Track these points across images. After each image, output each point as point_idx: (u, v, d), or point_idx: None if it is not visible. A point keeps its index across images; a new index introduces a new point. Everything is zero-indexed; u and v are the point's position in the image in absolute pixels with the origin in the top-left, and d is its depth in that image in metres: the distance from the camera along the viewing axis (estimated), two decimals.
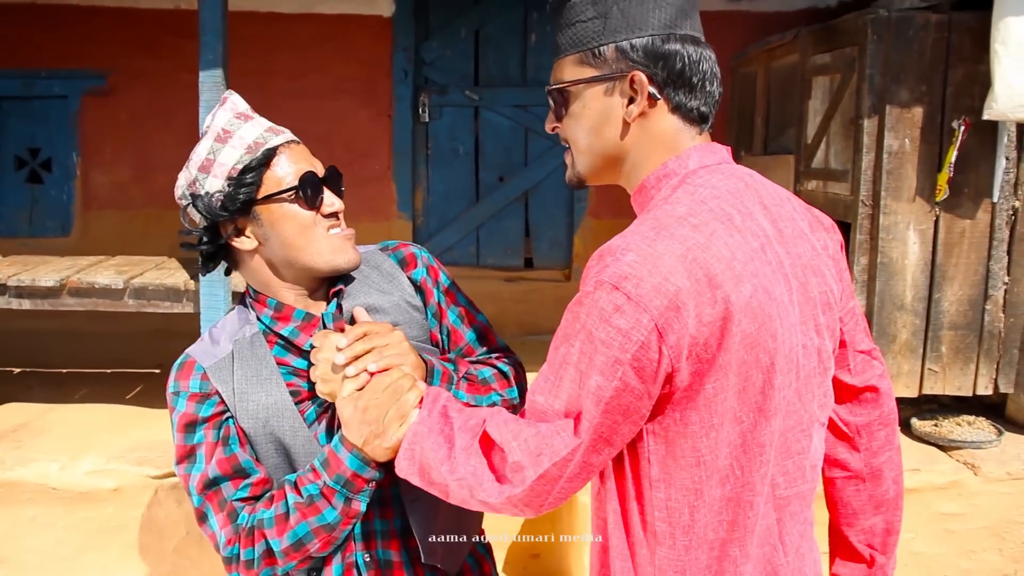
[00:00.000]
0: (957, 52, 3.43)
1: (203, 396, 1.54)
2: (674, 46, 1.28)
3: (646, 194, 1.33)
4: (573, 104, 1.34)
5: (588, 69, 1.31)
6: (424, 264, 1.72)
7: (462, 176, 5.61)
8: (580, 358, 1.20)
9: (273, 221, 1.53)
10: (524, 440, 1.24)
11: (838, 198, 3.74)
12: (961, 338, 3.61)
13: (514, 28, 5.52)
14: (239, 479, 1.52)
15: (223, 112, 1.56)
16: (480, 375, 1.64)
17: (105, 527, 3.31)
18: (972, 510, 3.32)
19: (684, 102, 1.31)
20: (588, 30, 1.30)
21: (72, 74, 5.36)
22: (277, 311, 1.59)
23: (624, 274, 1.16)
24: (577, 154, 1.38)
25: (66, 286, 3.44)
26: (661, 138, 1.32)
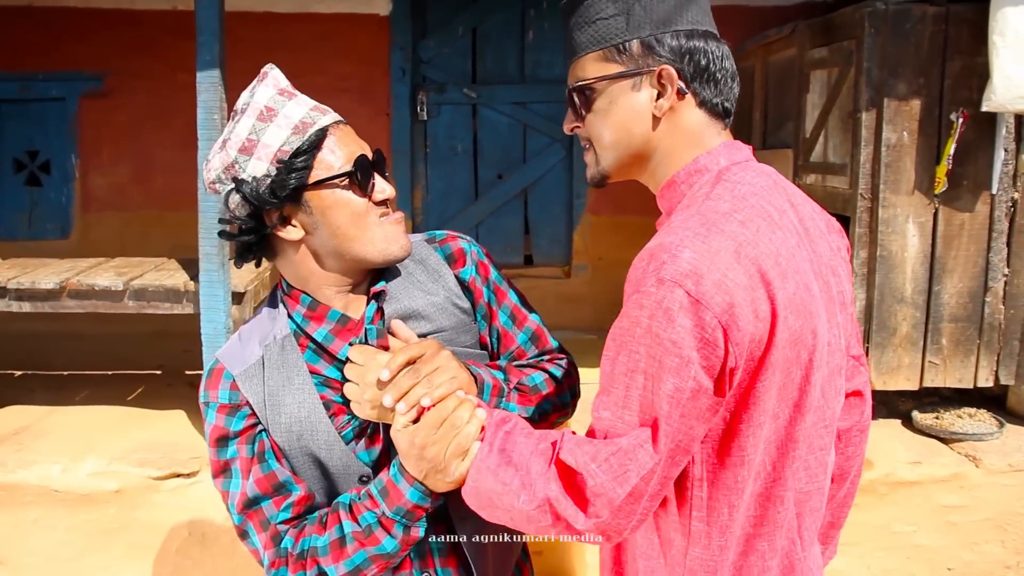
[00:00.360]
0: (955, 44, 3.43)
1: (233, 408, 1.46)
2: (699, 42, 1.29)
3: (676, 189, 1.32)
4: (598, 101, 1.32)
5: (613, 65, 1.30)
6: (474, 261, 1.60)
7: (461, 174, 5.61)
8: (648, 363, 1.16)
9: (324, 209, 1.41)
10: (605, 461, 1.18)
11: (837, 192, 3.74)
12: (961, 330, 3.60)
13: (512, 25, 5.51)
14: (280, 498, 1.44)
15: (264, 88, 1.42)
16: (532, 382, 1.56)
17: (107, 528, 3.31)
18: (974, 502, 3.33)
19: (710, 97, 1.31)
20: (611, 27, 1.29)
21: (69, 76, 5.36)
22: (311, 309, 1.48)
23: (685, 271, 1.13)
24: (602, 151, 1.35)
25: (66, 288, 3.44)
26: (689, 133, 1.31)
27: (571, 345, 1.92)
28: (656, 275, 1.15)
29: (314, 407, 1.45)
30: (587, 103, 1.33)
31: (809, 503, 1.34)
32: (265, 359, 1.48)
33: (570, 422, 1.86)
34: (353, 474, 1.47)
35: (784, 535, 1.30)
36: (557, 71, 5.50)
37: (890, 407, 3.92)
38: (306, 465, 1.46)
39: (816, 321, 1.22)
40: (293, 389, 1.46)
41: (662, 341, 1.14)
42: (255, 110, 1.40)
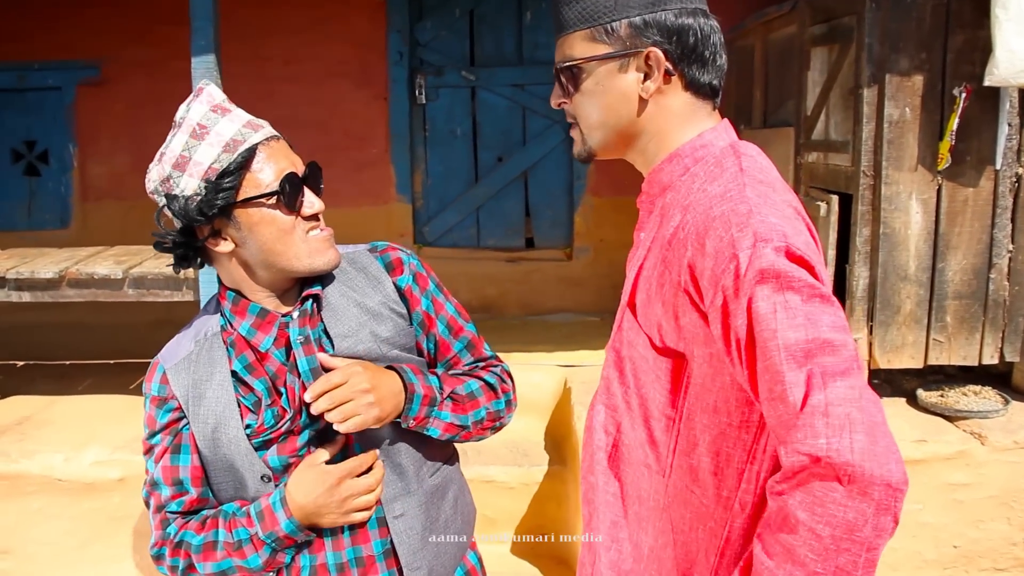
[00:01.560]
0: (957, 18, 3.39)
1: (161, 400, 1.56)
2: (686, 20, 1.28)
3: (679, 163, 1.32)
4: (585, 81, 1.32)
5: (600, 46, 1.29)
6: (411, 271, 1.67)
7: (461, 157, 5.59)
8: (820, 319, 1.09)
9: (252, 225, 1.47)
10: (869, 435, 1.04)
11: (839, 169, 3.71)
12: (966, 307, 3.58)
13: (509, 7, 5.47)
14: (177, 494, 1.56)
15: (198, 104, 1.47)
16: (466, 389, 1.63)
17: (112, 517, 3.32)
18: (980, 479, 3.31)
19: (697, 77, 1.30)
20: (598, 5, 1.28)
21: (65, 65, 5.34)
22: (234, 304, 1.56)
23: (781, 231, 1.13)
24: (588, 130, 1.35)
25: (65, 277, 3.44)
26: (677, 113, 1.32)
27: (573, 328, 1.94)
28: (755, 235, 1.13)
29: (228, 403, 1.53)
30: (574, 82, 1.33)
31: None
32: (195, 354, 1.57)
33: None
34: (256, 472, 1.54)
35: None
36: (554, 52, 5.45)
37: (894, 385, 3.90)
38: (218, 456, 1.54)
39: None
40: (213, 384, 1.54)
41: (812, 295, 1.10)
42: (188, 127, 1.46)
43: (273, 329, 1.54)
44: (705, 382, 1.25)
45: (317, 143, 5.06)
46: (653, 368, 1.31)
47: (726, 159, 1.28)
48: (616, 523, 1.42)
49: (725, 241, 1.15)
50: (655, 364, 1.30)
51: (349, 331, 1.57)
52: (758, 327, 1.10)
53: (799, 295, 1.10)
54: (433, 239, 5.61)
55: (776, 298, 1.09)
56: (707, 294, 1.17)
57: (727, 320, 1.14)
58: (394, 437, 1.58)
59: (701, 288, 1.18)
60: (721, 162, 1.28)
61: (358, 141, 5.39)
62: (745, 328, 1.12)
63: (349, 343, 1.56)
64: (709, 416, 1.26)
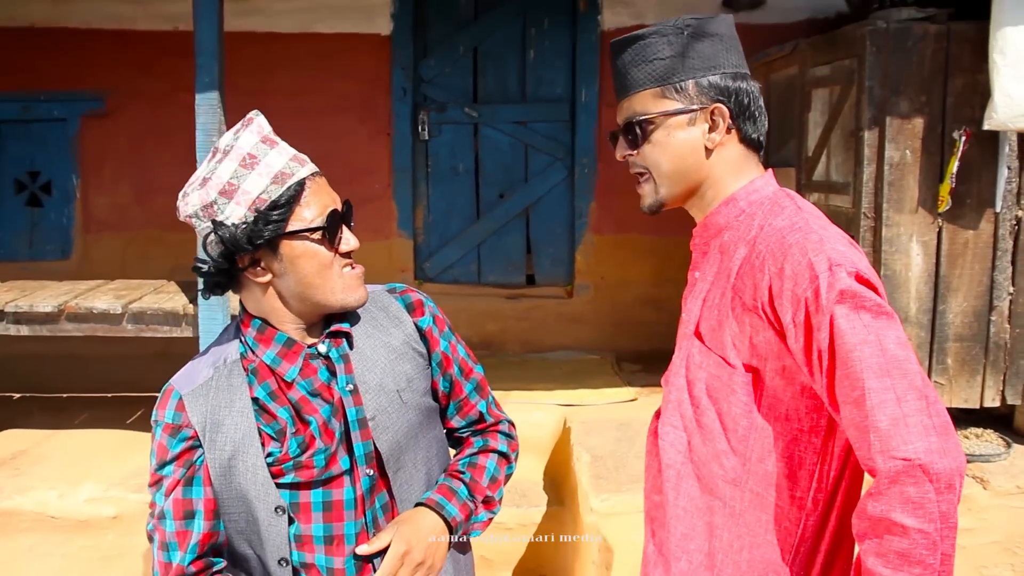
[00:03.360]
0: (956, 62, 3.41)
1: (175, 428, 1.53)
2: (741, 83, 1.48)
3: (735, 206, 1.49)
4: (656, 133, 1.48)
5: (671, 102, 1.47)
6: (431, 313, 1.73)
7: (462, 193, 5.59)
8: (887, 335, 1.27)
9: (294, 257, 1.49)
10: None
11: (840, 210, 3.71)
12: (967, 350, 3.57)
13: (512, 44, 5.51)
14: (185, 532, 1.52)
15: (248, 134, 1.49)
16: (488, 476, 1.71)
17: (105, 555, 3.28)
18: (982, 525, 3.28)
19: (749, 132, 1.49)
20: (668, 67, 1.46)
21: (70, 96, 5.36)
22: (260, 332, 1.56)
23: (851, 259, 1.32)
24: (660, 180, 1.51)
25: (64, 311, 3.43)
26: (734, 163, 1.50)
27: (573, 365, 2.01)
28: (829, 260, 1.31)
29: (248, 430, 1.52)
30: (645, 135, 1.49)
31: None
32: (214, 381, 1.56)
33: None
34: (270, 504, 1.52)
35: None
36: (558, 90, 5.49)
37: None
38: (232, 487, 1.53)
39: None
40: (233, 412, 1.53)
41: (892, 320, 1.29)
42: (238, 155, 1.47)
43: (299, 359, 1.55)
44: (777, 393, 1.41)
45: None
46: (728, 384, 1.45)
47: (781, 200, 1.47)
48: (687, 535, 1.51)
49: (803, 264, 1.32)
50: (730, 380, 1.44)
51: (378, 383, 1.60)
52: (839, 340, 1.28)
53: (870, 313, 1.28)
54: (434, 275, 5.60)
55: (853, 316, 1.27)
56: (786, 311, 1.34)
57: (809, 333, 1.31)
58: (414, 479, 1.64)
59: (777, 307, 1.35)
60: (777, 202, 1.46)
61: (361, 176, 5.40)
62: (827, 341, 1.29)
63: (375, 401, 1.59)
64: (782, 424, 1.41)
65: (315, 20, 5.30)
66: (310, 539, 1.53)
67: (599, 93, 5.37)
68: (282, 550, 1.52)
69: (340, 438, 1.54)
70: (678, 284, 5.96)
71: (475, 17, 5.50)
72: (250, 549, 1.55)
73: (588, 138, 5.40)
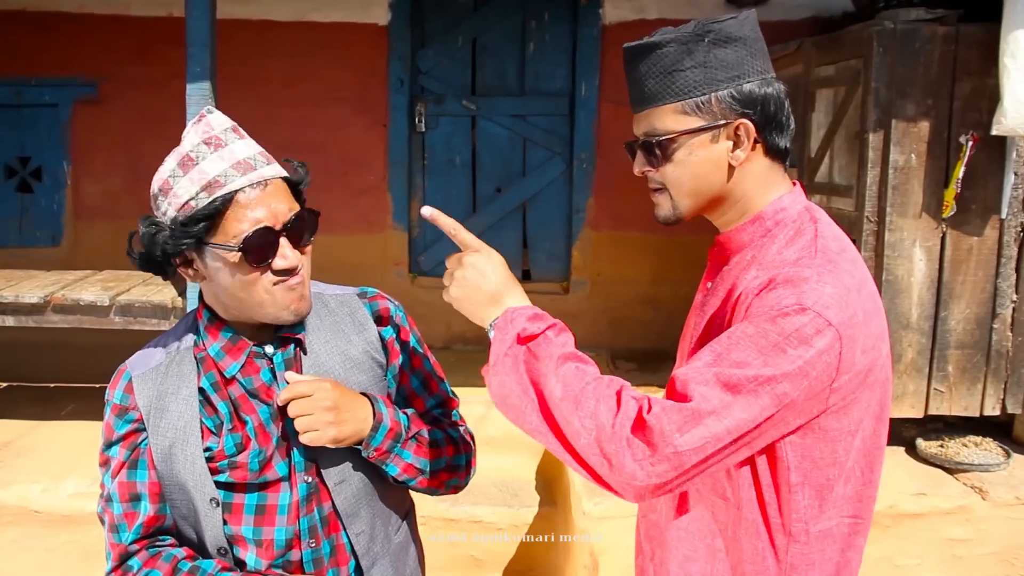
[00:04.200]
0: (964, 65, 3.35)
1: (122, 410, 1.52)
2: (767, 90, 1.37)
3: (761, 224, 1.41)
4: (678, 152, 1.38)
5: (692, 119, 1.36)
6: (396, 324, 1.68)
7: (459, 186, 5.53)
8: (766, 366, 1.23)
9: (216, 269, 1.43)
10: (678, 412, 1.23)
11: (842, 214, 3.65)
12: (968, 357, 3.52)
13: (512, 37, 5.43)
14: (132, 513, 1.50)
15: (193, 133, 1.43)
16: (432, 436, 1.62)
17: (89, 551, 3.22)
18: (980, 535, 3.24)
19: (777, 143, 1.40)
20: (688, 79, 1.35)
21: (63, 82, 5.28)
22: (209, 323, 1.54)
23: (826, 304, 1.24)
24: (679, 196, 1.42)
25: (50, 303, 3.37)
26: (761, 177, 1.40)
27: None
28: (799, 301, 1.25)
29: (191, 420, 1.50)
30: (666, 153, 1.39)
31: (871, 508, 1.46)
32: (164, 366, 1.54)
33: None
34: (206, 495, 1.49)
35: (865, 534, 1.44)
36: (558, 83, 5.42)
37: (893, 433, 3.81)
38: (172, 474, 1.50)
39: (888, 347, 1.38)
40: (179, 399, 1.51)
41: (788, 355, 1.23)
42: (179, 154, 1.42)
43: (242, 356, 1.52)
44: None
45: (314, 168, 4.89)
46: None
47: (804, 224, 1.38)
48: (689, 557, 1.47)
49: (775, 298, 1.27)
50: None
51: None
52: (739, 329, 1.28)
53: (768, 345, 1.24)
54: (428, 268, 5.54)
55: (769, 328, 1.24)
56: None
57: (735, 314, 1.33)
58: (361, 492, 1.58)
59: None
60: (800, 227, 1.37)
61: (356, 167, 5.33)
62: (738, 320, 1.31)
63: None
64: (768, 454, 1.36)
65: (311, 8, 5.22)
66: (242, 539, 1.51)
67: (599, 88, 5.30)
68: (219, 540, 1.50)
69: (277, 443, 1.51)
70: (675, 283, 5.93)
71: (474, 8, 5.42)
72: (194, 534, 1.53)
73: (587, 133, 5.33)
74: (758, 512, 1.38)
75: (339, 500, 1.54)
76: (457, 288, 1.42)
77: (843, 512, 1.38)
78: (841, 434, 1.32)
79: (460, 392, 1.82)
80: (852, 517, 1.39)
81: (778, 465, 1.34)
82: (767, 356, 1.23)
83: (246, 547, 1.51)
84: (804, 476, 1.34)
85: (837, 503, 1.36)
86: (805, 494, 1.35)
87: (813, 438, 1.32)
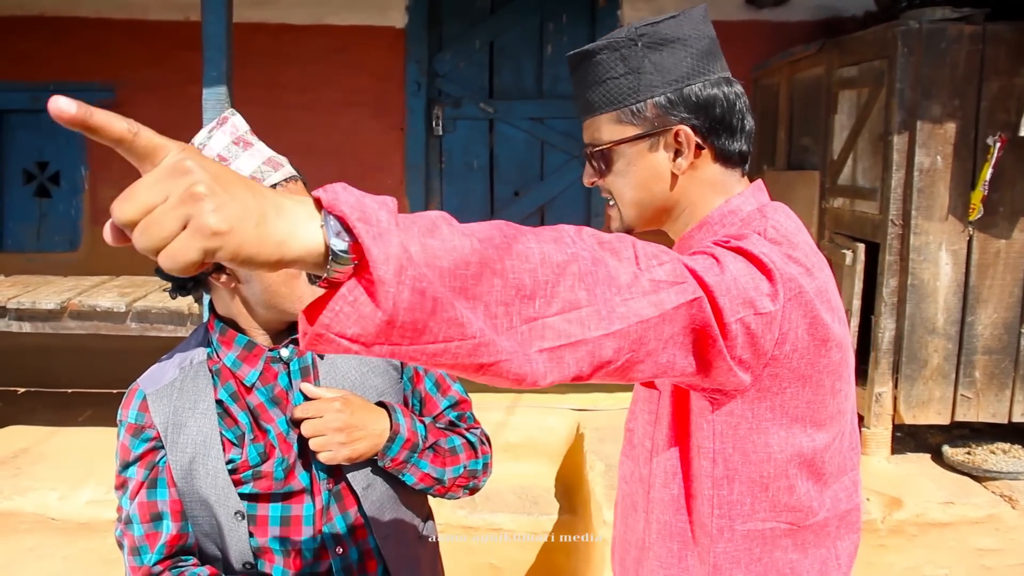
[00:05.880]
0: (992, 65, 3.29)
1: (138, 429, 1.49)
2: (711, 91, 1.27)
3: (709, 230, 1.31)
4: (617, 163, 1.32)
5: (628, 128, 1.29)
6: None
7: (477, 190, 5.50)
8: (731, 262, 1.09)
9: None
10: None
11: (866, 217, 3.60)
12: (996, 363, 3.46)
13: (530, 39, 5.40)
14: (154, 533, 1.47)
15: (221, 135, 1.42)
16: (449, 444, 1.62)
17: (105, 559, 3.21)
18: (1010, 545, 3.17)
19: (727, 147, 1.30)
20: (622, 87, 1.28)
21: (81, 87, 5.27)
22: (222, 333, 1.52)
23: (789, 239, 1.18)
24: (624, 208, 1.35)
25: (67, 309, 3.35)
26: (710, 184, 1.31)
27: None
28: (762, 227, 1.20)
29: (210, 433, 1.48)
30: (606, 163, 1.33)
31: (848, 518, 1.33)
32: (179, 382, 1.51)
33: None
34: (231, 508, 1.48)
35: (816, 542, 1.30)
36: None
37: (919, 440, 3.77)
38: (192, 490, 1.49)
39: (847, 343, 1.25)
40: (196, 414, 1.49)
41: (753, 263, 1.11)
42: (210, 155, 1.39)
43: (259, 363, 1.51)
44: (677, 408, 1.28)
45: (331, 173, 4.97)
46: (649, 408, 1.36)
47: (753, 221, 1.28)
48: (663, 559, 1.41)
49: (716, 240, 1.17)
50: (654, 402, 1.35)
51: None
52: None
53: (728, 254, 1.10)
54: None
55: (718, 251, 1.11)
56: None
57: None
58: (385, 496, 1.58)
59: None
60: (748, 223, 1.28)
61: (373, 171, 5.31)
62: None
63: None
64: (683, 443, 1.28)
65: (327, 12, 5.20)
66: (269, 550, 1.50)
67: None
68: (245, 554, 1.48)
69: (298, 451, 1.50)
70: None
71: (492, 11, 5.39)
72: (217, 551, 1.51)
73: None
74: (684, 506, 1.30)
75: (367, 505, 1.54)
76: (217, 208, 0.74)
77: (780, 514, 1.26)
78: (775, 425, 1.20)
79: (475, 397, 1.80)
80: (790, 522, 1.27)
81: (703, 456, 1.25)
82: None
83: (273, 559, 1.49)
84: (731, 470, 1.23)
85: (774, 503, 1.25)
86: (731, 488, 1.24)
87: (745, 427, 1.20)
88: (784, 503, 1.25)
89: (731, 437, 1.22)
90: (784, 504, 1.25)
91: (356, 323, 0.78)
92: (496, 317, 0.86)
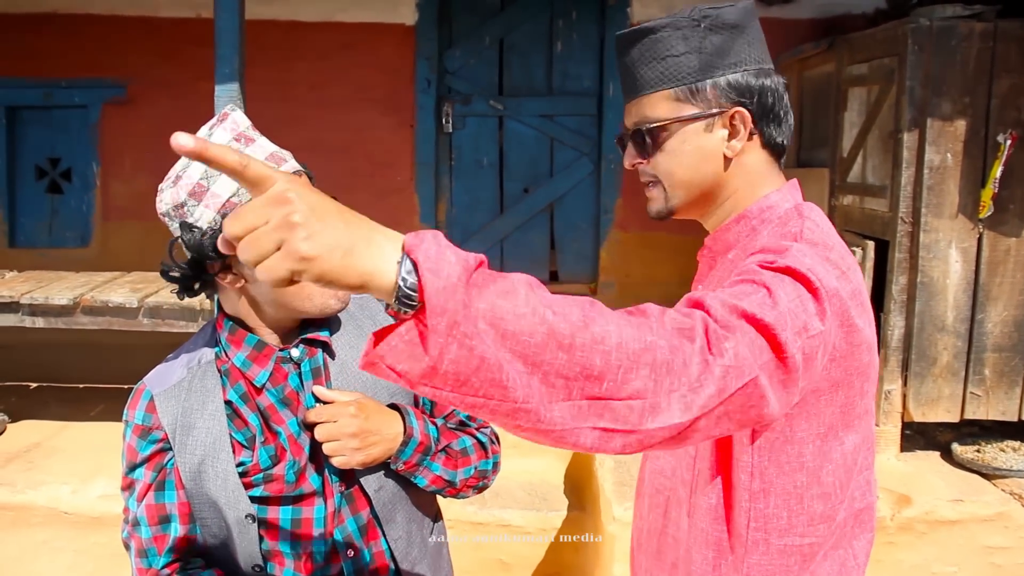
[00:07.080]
0: (1002, 62, 3.28)
1: (145, 430, 1.47)
2: (764, 80, 1.30)
3: (747, 223, 1.34)
4: (670, 141, 1.32)
5: (686, 106, 1.30)
6: None
7: (486, 187, 5.50)
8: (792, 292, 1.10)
9: None
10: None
11: (875, 214, 3.60)
12: (1006, 360, 3.45)
13: (539, 36, 5.40)
14: (161, 536, 1.47)
15: (221, 131, 1.41)
16: (460, 445, 1.61)
17: (117, 552, 3.21)
18: (1019, 543, 3.17)
19: (774, 136, 1.33)
20: (682, 65, 1.29)
21: (92, 83, 5.31)
22: (231, 333, 1.50)
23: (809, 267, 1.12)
24: (672, 189, 1.36)
25: (80, 304, 3.38)
26: (755, 171, 1.34)
27: None
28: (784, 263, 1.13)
29: (220, 435, 1.46)
30: (657, 143, 1.33)
31: (861, 517, 1.34)
32: (187, 382, 1.50)
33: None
34: (241, 511, 1.46)
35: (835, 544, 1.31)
36: (585, 83, 5.38)
37: (927, 438, 3.77)
38: (201, 492, 1.47)
39: (875, 353, 1.26)
40: (205, 415, 1.47)
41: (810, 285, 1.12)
42: None
43: (269, 363, 1.49)
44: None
45: (341, 169, 5.00)
46: None
47: (791, 221, 1.30)
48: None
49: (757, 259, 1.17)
50: None
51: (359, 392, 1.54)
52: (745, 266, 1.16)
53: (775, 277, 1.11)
54: None
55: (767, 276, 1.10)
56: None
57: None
58: (396, 497, 1.57)
59: None
60: (786, 222, 1.30)
61: (382, 168, 5.32)
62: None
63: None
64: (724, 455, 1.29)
65: (338, 9, 5.21)
66: (279, 554, 1.49)
67: None
68: (255, 557, 1.47)
69: (309, 453, 1.49)
70: None
71: (502, 8, 5.39)
72: (227, 553, 1.50)
73: (615, 133, 5.28)
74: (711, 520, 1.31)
75: (378, 506, 1.53)
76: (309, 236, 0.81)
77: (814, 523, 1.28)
78: (809, 436, 1.23)
79: None
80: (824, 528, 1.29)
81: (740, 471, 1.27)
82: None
83: (283, 562, 1.49)
84: (767, 483, 1.25)
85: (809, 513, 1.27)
86: (767, 501, 1.26)
87: (781, 440, 1.23)
88: (820, 513, 1.26)
89: (768, 451, 1.24)
90: (820, 515, 1.26)
91: (406, 360, 0.85)
92: (554, 386, 0.90)
